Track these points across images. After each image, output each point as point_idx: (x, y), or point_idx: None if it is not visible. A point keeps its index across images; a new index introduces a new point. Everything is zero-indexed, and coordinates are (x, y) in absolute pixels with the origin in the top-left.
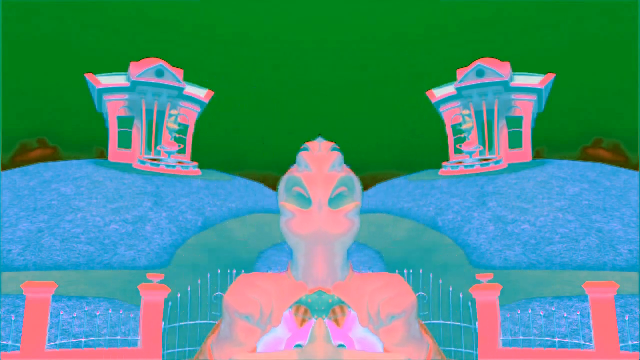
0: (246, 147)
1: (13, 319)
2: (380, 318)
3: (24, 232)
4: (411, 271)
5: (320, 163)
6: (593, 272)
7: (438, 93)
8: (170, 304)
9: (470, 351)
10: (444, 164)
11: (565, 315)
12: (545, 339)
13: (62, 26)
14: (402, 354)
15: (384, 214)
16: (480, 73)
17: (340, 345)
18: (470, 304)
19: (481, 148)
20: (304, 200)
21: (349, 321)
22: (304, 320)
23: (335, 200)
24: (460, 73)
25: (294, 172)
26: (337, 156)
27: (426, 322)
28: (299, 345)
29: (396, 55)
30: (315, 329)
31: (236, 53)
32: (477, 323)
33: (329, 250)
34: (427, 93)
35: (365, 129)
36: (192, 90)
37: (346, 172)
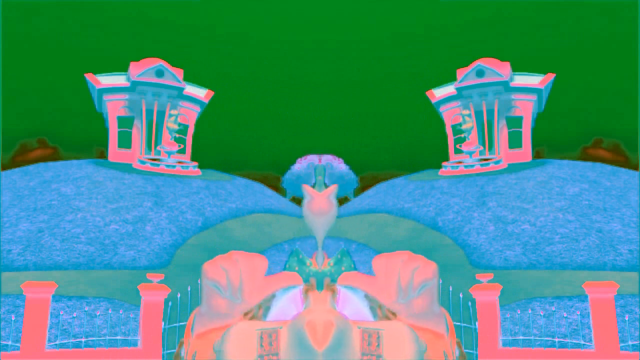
0: (246, 147)
1: (13, 319)
2: (411, 288)
3: (24, 232)
4: None
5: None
6: (593, 272)
7: (438, 93)
8: (170, 304)
9: (470, 351)
10: (444, 164)
11: (565, 315)
12: (545, 339)
13: (62, 26)
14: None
15: (384, 214)
16: (480, 73)
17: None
18: (470, 304)
19: (481, 148)
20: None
21: (341, 300)
22: (308, 289)
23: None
24: (460, 73)
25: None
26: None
27: None
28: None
29: (396, 55)
30: (311, 297)
31: (236, 53)
32: (477, 323)
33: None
34: (427, 93)
35: (365, 129)
36: (192, 90)
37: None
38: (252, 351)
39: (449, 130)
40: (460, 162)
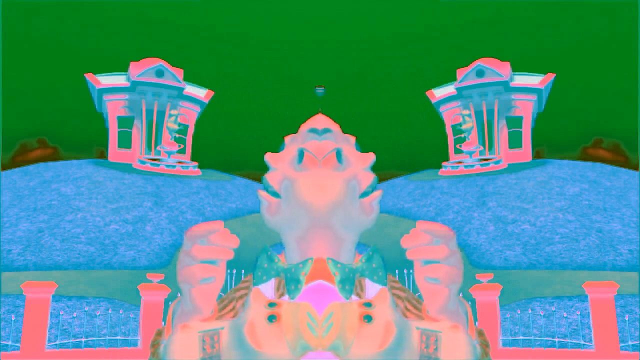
0: (246, 147)
1: (13, 319)
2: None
3: (24, 232)
4: (411, 271)
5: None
6: (593, 272)
7: (438, 93)
8: (170, 304)
9: None
10: (444, 164)
11: (565, 315)
12: (545, 339)
13: (62, 26)
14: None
15: (384, 214)
16: (480, 73)
17: (367, 317)
18: (470, 304)
19: (481, 148)
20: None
21: (369, 296)
22: (282, 295)
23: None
24: (460, 73)
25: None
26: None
27: None
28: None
29: (396, 55)
30: (252, 297)
31: (236, 53)
32: (477, 323)
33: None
34: (427, 93)
35: (365, 129)
36: (192, 90)
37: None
38: (195, 354)
39: (449, 130)
40: (460, 162)
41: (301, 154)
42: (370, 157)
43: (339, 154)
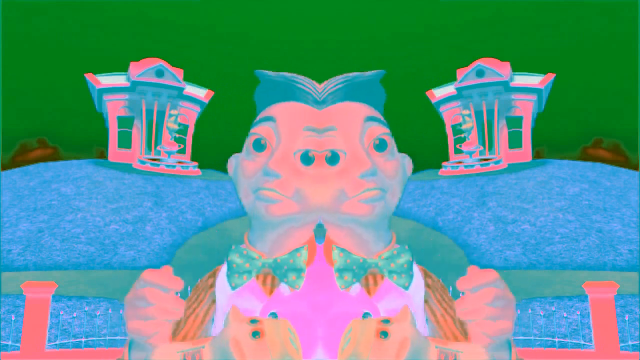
0: None
1: (13, 319)
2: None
3: (24, 232)
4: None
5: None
6: (593, 272)
7: (438, 93)
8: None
9: None
10: (444, 164)
11: (565, 315)
12: (545, 339)
13: (62, 26)
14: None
15: None
16: (480, 73)
17: (366, 314)
18: None
19: (481, 148)
20: None
21: (381, 291)
22: (272, 289)
23: None
24: (460, 73)
25: None
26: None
27: None
28: (273, 314)
29: (396, 55)
30: (231, 315)
31: (236, 53)
32: None
33: None
34: (427, 93)
35: None
36: (192, 90)
37: None
38: None
39: (449, 130)
40: (460, 162)
41: (307, 157)
42: (367, 165)
43: (334, 156)
